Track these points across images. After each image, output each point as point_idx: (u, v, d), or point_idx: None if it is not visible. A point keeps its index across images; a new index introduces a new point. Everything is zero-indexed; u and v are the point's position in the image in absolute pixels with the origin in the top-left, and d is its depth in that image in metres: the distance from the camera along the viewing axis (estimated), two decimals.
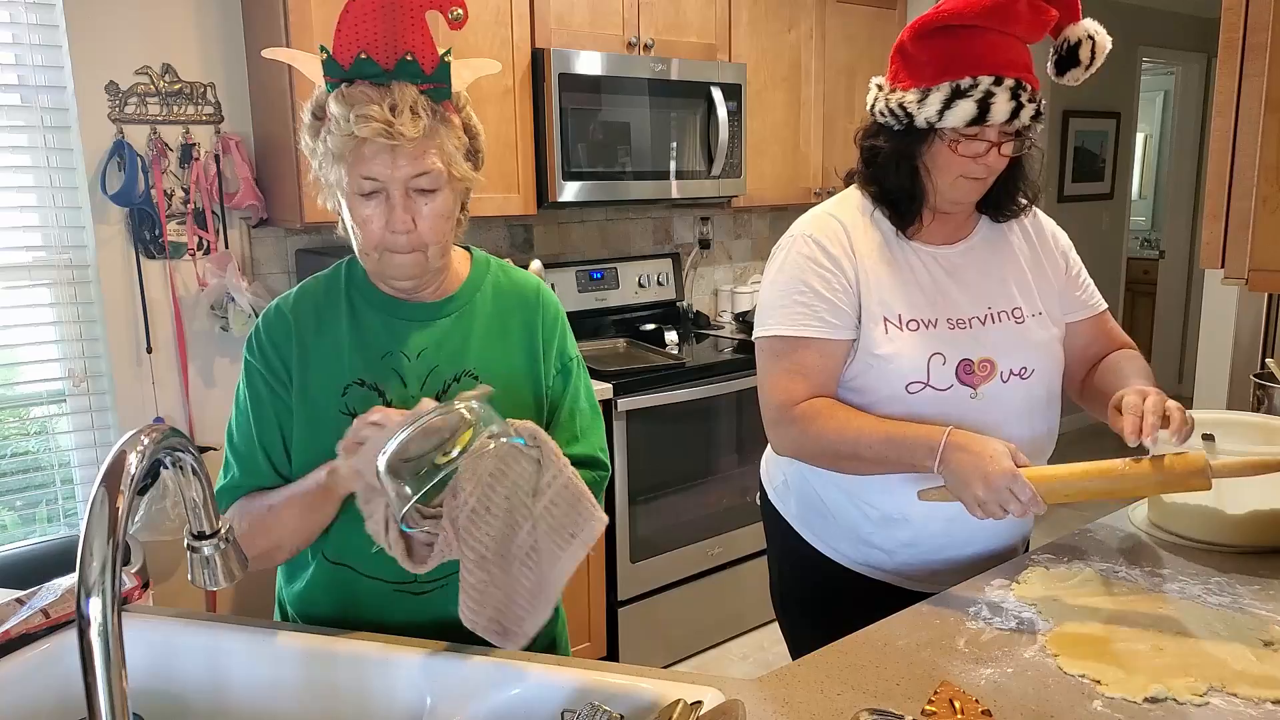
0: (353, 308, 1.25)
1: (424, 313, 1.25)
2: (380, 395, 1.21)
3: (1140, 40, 5.49)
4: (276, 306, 1.27)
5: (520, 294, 1.32)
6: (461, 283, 1.29)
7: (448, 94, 1.14)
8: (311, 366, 1.23)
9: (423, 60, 1.11)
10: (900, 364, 1.38)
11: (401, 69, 1.10)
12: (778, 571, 1.65)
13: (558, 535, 1.10)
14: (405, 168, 1.11)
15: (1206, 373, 3.39)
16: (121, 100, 2.47)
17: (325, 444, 1.16)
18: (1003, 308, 1.44)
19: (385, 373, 1.22)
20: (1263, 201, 1.49)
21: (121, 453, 0.73)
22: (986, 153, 1.34)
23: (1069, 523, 1.23)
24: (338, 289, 1.27)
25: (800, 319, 1.40)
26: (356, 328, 1.24)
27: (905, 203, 1.41)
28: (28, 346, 2.52)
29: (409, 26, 1.10)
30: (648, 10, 3.05)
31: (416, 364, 1.23)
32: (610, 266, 3.42)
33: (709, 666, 3.08)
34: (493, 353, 1.27)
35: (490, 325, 1.29)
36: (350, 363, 1.22)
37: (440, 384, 1.24)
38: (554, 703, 1.03)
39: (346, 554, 1.22)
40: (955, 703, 0.99)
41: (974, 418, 1.38)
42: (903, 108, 1.35)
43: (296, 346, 1.23)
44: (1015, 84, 1.30)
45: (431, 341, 1.25)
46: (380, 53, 1.09)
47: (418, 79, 1.11)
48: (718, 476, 3.13)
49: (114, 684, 0.67)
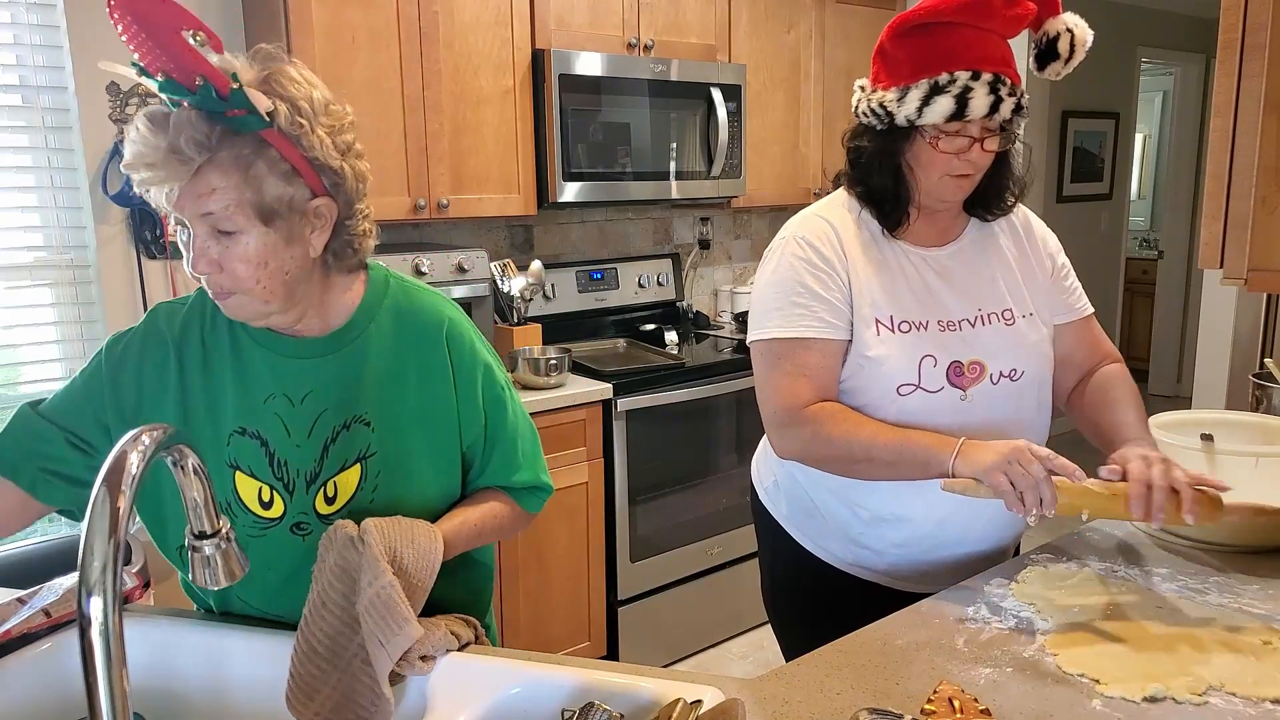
0: (236, 341, 1.14)
1: (309, 349, 1.13)
2: (263, 445, 1.11)
3: (1139, 40, 5.49)
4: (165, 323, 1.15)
5: (423, 329, 1.19)
6: (352, 312, 1.16)
7: (257, 124, 1.01)
8: (194, 410, 1.12)
9: (216, 84, 0.99)
10: (891, 366, 1.37)
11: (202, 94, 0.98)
12: (769, 572, 1.65)
13: (370, 640, 1.02)
14: (187, 203, 1.00)
15: (1205, 373, 3.40)
16: (123, 101, 2.47)
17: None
18: (992, 309, 1.43)
19: (268, 419, 1.11)
20: (1261, 202, 1.50)
21: (122, 452, 0.74)
22: (969, 148, 1.34)
23: (1068, 522, 1.23)
24: (222, 315, 1.13)
25: (799, 319, 1.39)
26: (239, 365, 1.12)
27: (890, 202, 1.41)
28: (29, 346, 2.52)
29: (179, 50, 0.99)
30: (648, 11, 3.05)
31: (300, 410, 1.12)
32: (610, 267, 3.43)
33: (708, 666, 3.08)
34: (387, 395, 1.15)
35: (386, 363, 1.16)
36: (233, 408, 1.11)
37: (328, 432, 1.13)
38: (554, 702, 1.03)
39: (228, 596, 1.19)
40: (954, 702, 0.99)
41: (964, 420, 1.38)
42: (883, 107, 1.36)
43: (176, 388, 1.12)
44: (994, 78, 1.30)
45: (318, 383, 1.13)
46: (179, 74, 0.99)
47: (215, 106, 0.99)
48: (717, 476, 3.13)
49: (115, 683, 0.67)
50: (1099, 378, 1.51)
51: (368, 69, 2.53)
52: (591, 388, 2.76)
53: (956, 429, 1.34)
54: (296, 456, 1.12)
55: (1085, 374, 1.53)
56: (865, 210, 1.44)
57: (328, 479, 1.13)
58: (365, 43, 2.51)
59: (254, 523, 1.13)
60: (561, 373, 2.78)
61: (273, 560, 1.14)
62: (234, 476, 1.12)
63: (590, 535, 2.86)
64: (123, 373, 1.13)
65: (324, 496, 1.13)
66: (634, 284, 3.48)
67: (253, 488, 1.12)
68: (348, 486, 1.13)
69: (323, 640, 1.04)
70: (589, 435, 2.78)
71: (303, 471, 1.13)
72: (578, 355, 3.01)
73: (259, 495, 1.12)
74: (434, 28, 2.61)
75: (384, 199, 2.57)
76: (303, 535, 1.14)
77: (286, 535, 1.13)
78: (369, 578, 1.03)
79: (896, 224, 1.42)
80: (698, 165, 3.16)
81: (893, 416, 1.37)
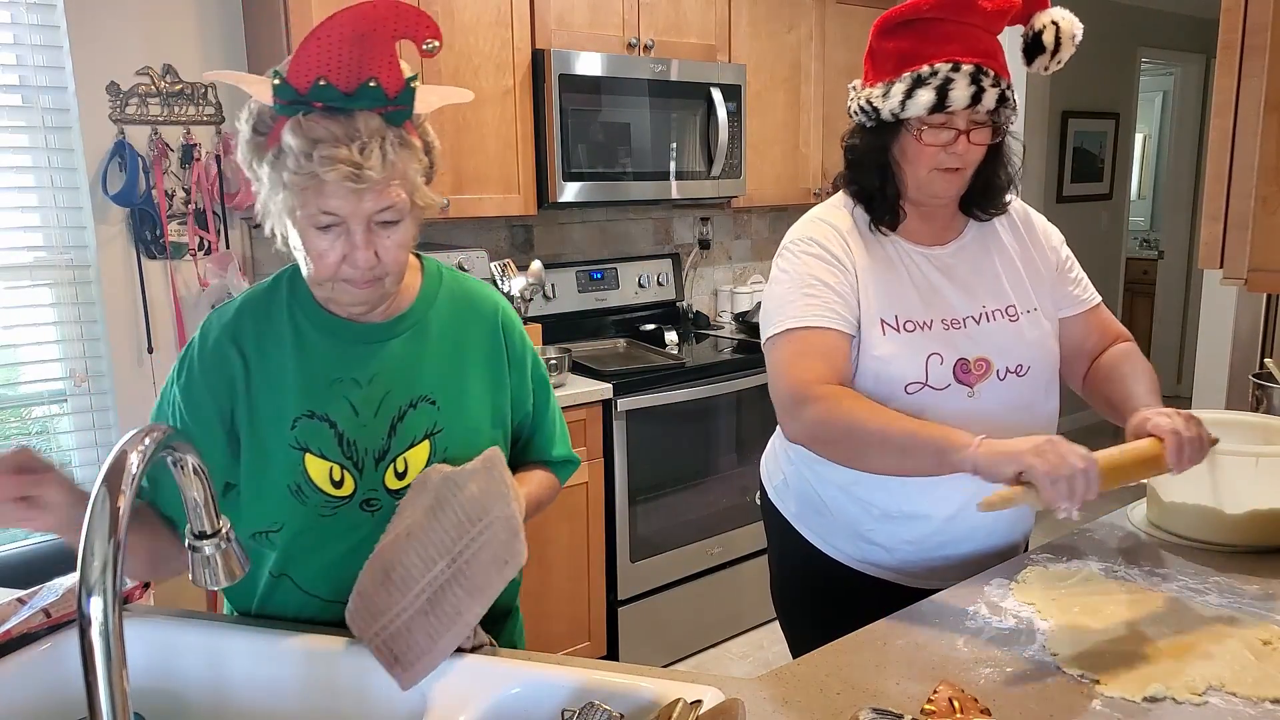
0: (297, 329, 1.17)
1: (374, 334, 1.18)
2: (331, 427, 1.15)
3: (1140, 40, 5.49)
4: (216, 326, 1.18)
5: (478, 312, 1.26)
6: (413, 298, 1.22)
7: (409, 116, 1.07)
8: (257, 399, 1.15)
9: (386, 85, 1.03)
10: (898, 365, 1.38)
11: (363, 94, 1.02)
12: (778, 570, 1.65)
13: (494, 564, 1.07)
14: (369, 204, 1.04)
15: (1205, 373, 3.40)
16: (122, 101, 2.47)
17: (276, 482, 1.14)
18: (996, 306, 1.44)
19: (335, 402, 1.15)
20: (1261, 202, 1.50)
21: (123, 452, 0.74)
22: (955, 140, 1.34)
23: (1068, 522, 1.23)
24: (279, 305, 1.18)
25: (814, 310, 1.38)
26: (302, 352, 1.16)
27: (880, 198, 1.42)
28: (29, 346, 2.52)
29: (377, 54, 1.01)
30: (648, 11, 3.05)
31: (369, 390, 1.16)
32: (610, 267, 3.43)
33: (708, 666, 3.08)
34: (449, 375, 1.21)
35: (446, 345, 1.22)
36: (297, 393, 1.15)
37: (395, 411, 1.17)
38: (554, 702, 1.03)
39: (300, 578, 1.20)
40: (955, 702, 0.99)
41: (971, 416, 1.38)
42: (870, 103, 1.38)
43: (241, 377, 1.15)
44: (975, 69, 1.31)
45: (384, 366, 1.18)
46: (341, 78, 1.01)
47: (379, 103, 1.03)
48: (717, 476, 3.13)
49: (115, 683, 0.67)
50: (1109, 355, 1.52)
51: None
52: (592, 388, 2.76)
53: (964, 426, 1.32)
54: (365, 436, 1.16)
55: (1097, 357, 1.54)
56: (858, 208, 1.45)
57: (397, 455, 1.17)
58: None
59: (325, 502, 1.16)
60: (562, 373, 2.78)
61: (342, 536, 1.17)
62: (303, 459, 1.15)
63: (590, 535, 2.86)
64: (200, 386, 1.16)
65: (394, 472, 1.18)
66: (634, 284, 3.48)
67: (323, 468, 1.15)
68: (417, 462, 1.18)
69: (399, 570, 1.09)
70: (589, 435, 2.78)
71: (371, 450, 1.16)
72: (578, 355, 3.01)
73: (330, 475, 1.16)
74: None
75: None
76: (372, 511, 1.17)
77: (357, 512, 1.17)
78: (500, 502, 1.09)
79: (885, 220, 1.43)
80: (698, 165, 3.16)
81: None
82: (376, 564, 1.10)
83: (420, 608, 1.07)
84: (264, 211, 1.10)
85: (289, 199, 1.04)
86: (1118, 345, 1.54)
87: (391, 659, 1.06)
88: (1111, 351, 1.53)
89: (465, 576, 1.08)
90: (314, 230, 1.06)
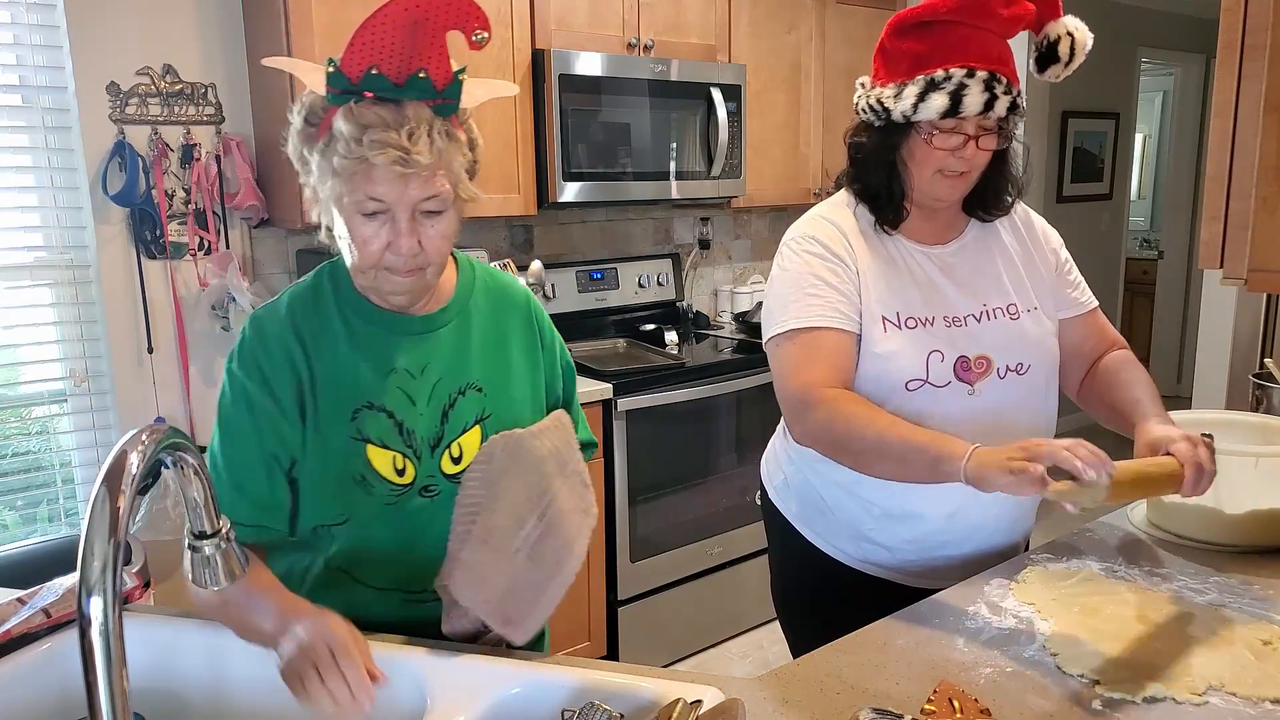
0: (347, 323, 1.19)
1: (422, 325, 1.21)
2: (390, 417, 1.18)
3: (1140, 40, 5.49)
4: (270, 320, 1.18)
5: (512, 302, 1.31)
6: (452, 290, 1.25)
7: (455, 109, 1.11)
8: (320, 393, 1.16)
9: (435, 77, 1.06)
10: (899, 362, 1.38)
11: (412, 85, 1.05)
12: (779, 570, 1.65)
13: (577, 513, 1.18)
14: (415, 192, 1.07)
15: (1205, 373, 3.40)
16: (122, 101, 2.47)
17: (340, 475, 1.16)
18: (997, 304, 1.44)
19: (392, 393, 1.18)
20: (1261, 202, 1.49)
21: (122, 452, 0.74)
22: (963, 146, 1.34)
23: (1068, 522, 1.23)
24: (325, 301, 1.20)
25: (815, 309, 1.38)
26: (356, 345, 1.18)
27: (885, 198, 1.42)
28: (29, 346, 2.52)
29: (428, 45, 1.04)
30: (648, 11, 3.05)
31: (421, 381, 1.20)
32: (610, 267, 3.43)
33: (708, 666, 3.08)
34: (494, 362, 1.26)
35: (488, 334, 1.26)
36: (356, 385, 1.17)
37: (446, 398, 1.21)
38: (554, 702, 1.03)
39: (355, 566, 1.21)
40: (955, 702, 0.99)
41: (971, 414, 1.38)
42: (880, 103, 1.37)
43: (304, 367, 1.16)
44: (989, 76, 1.31)
45: (433, 356, 1.21)
46: (392, 68, 1.04)
47: (427, 95, 1.07)
48: (717, 476, 3.13)
49: (115, 683, 0.67)
50: (1107, 362, 1.53)
51: None
52: (591, 388, 2.76)
53: (964, 424, 1.34)
54: (421, 424, 1.19)
55: (1093, 363, 1.54)
56: (862, 206, 1.45)
57: (451, 441, 1.21)
58: None
59: (390, 491, 1.18)
60: None
61: (403, 523, 1.19)
62: (365, 449, 1.16)
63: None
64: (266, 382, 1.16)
65: (449, 458, 1.21)
66: (634, 284, 3.48)
67: (386, 458, 1.17)
68: (471, 447, 1.22)
69: (494, 535, 1.14)
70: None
71: (426, 438, 1.19)
72: (578, 355, 3.00)
73: (393, 464, 1.18)
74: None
75: None
76: (431, 496, 1.20)
77: (416, 498, 1.19)
78: (573, 456, 1.22)
79: (890, 220, 1.43)
80: (698, 165, 3.16)
81: (902, 412, 1.37)
82: (475, 535, 1.15)
83: (522, 565, 1.14)
84: (311, 200, 1.14)
85: (337, 186, 1.07)
86: (1116, 352, 1.55)
87: (503, 620, 1.12)
88: (1111, 358, 1.53)
89: (556, 530, 1.16)
90: (360, 217, 1.08)
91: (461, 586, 1.14)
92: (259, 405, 1.15)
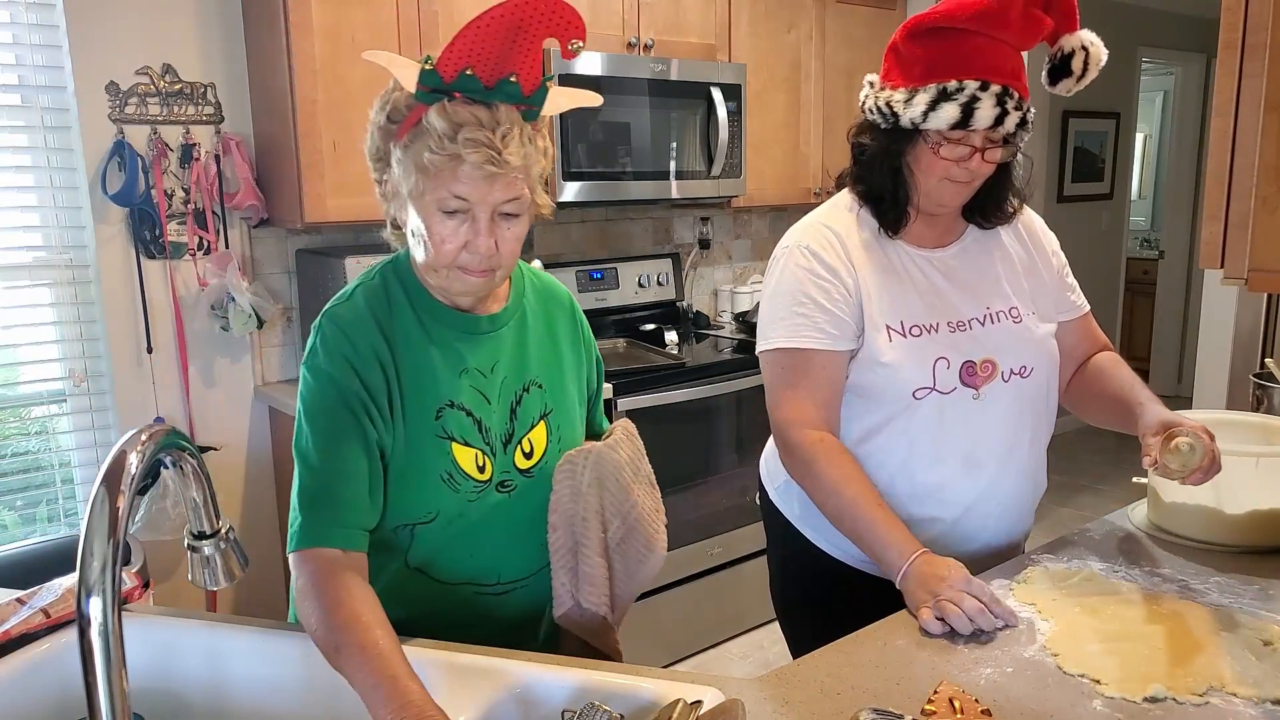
0: (423, 325, 1.20)
1: (489, 324, 1.24)
2: (469, 415, 1.19)
3: (1140, 40, 5.49)
4: (352, 317, 1.17)
5: (558, 301, 1.35)
6: (509, 290, 1.28)
7: (537, 116, 1.12)
8: (405, 390, 1.17)
9: (524, 83, 1.08)
10: (906, 372, 1.38)
11: (500, 89, 1.07)
12: (779, 571, 1.65)
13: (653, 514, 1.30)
14: (499, 193, 1.08)
15: (1206, 373, 3.39)
16: (122, 100, 2.47)
17: (429, 473, 1.17)
18: (1000, 307, 1.44)
19: (469, 392, 1.20)
20: (1262, 201, 1.49)
21: (122, 453, 0.74)
22: (969, 157, 1.34)
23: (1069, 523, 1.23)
24: (398, 300, 1.20)
25: (801, 330, 1.40)
26: (433, 344, 1.19)
27: (889, 202, 1.41)
28: (28, 346, 2.52)
29: (524, 50, 1.06)
30: (648, 11, 3.05)
31: (492, 379, 1.22)
32: (610, 266, 3.42)
33: (708, 666, 3.08)
34: (549, 359, 1.30)
35: (541, 332, 1.30)
36: (437, 384, 1.18)
37: (513, 396, 1.24)
38: (554, 702, 1.03)
39: (431, 564, 1.22)
40: (955, 702, 0.99)
41: (976, 418, 1.39)
42: (890, 106, 1.35)
43: (391, 365, 1.17)
44: (1002, 90, 1.30)
45: (500, 354, 1.24)
46: (485, 70, 1.05)
47: (514, 100, 1.08)
48: (717, 476, 3.13)
49: (114, 684, 0.67)
50: (1097, 360, 1.54)
51: (368, 69, 2.49)
52: None
53: (969, 428, 1.36)
54: (494, 421, 1.22)
55: (1081, 365, 1.56)
56: (864, 209, 1.45)
57: (521, 437, 1.24)
58: (365, 43, 2.50)
59: (474, 488, 1.20)
60: None
61: (484, 518, 1.22)
62: (451, 447, 1.18)
63: None
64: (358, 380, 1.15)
65: (521, 453, 1.24)
66: (634, 284, 3.48)
67: (469, 455, 1.20)
68: (540, 442, 1.26)
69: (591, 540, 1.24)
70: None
71: (499, 434, 1.22)
72: None
73: (475, 461, 1.20)
74: (434, 28, 2.60)
75: None
76: (507, 492, 1.23)
77: (494, 493, 1.22)
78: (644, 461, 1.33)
79: (894, 224, 1.43)
80: (698, 165, 3.16)
81: (908, 420, 1.38)
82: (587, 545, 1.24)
83: (616, 565, 1.26)
84: (387, 196, 1.16)
85: (421, 182, 1.08)
86: (1104, 353, 1.57)
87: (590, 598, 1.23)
88: (1100, 356, 1.55)
89: (636, 531, 1.27)
90: (440, 214, 1.10)
91: (587, 592, 1.23)
92: (356, 401, 1.14)
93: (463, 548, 1.22)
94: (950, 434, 1.40)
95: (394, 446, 1.17)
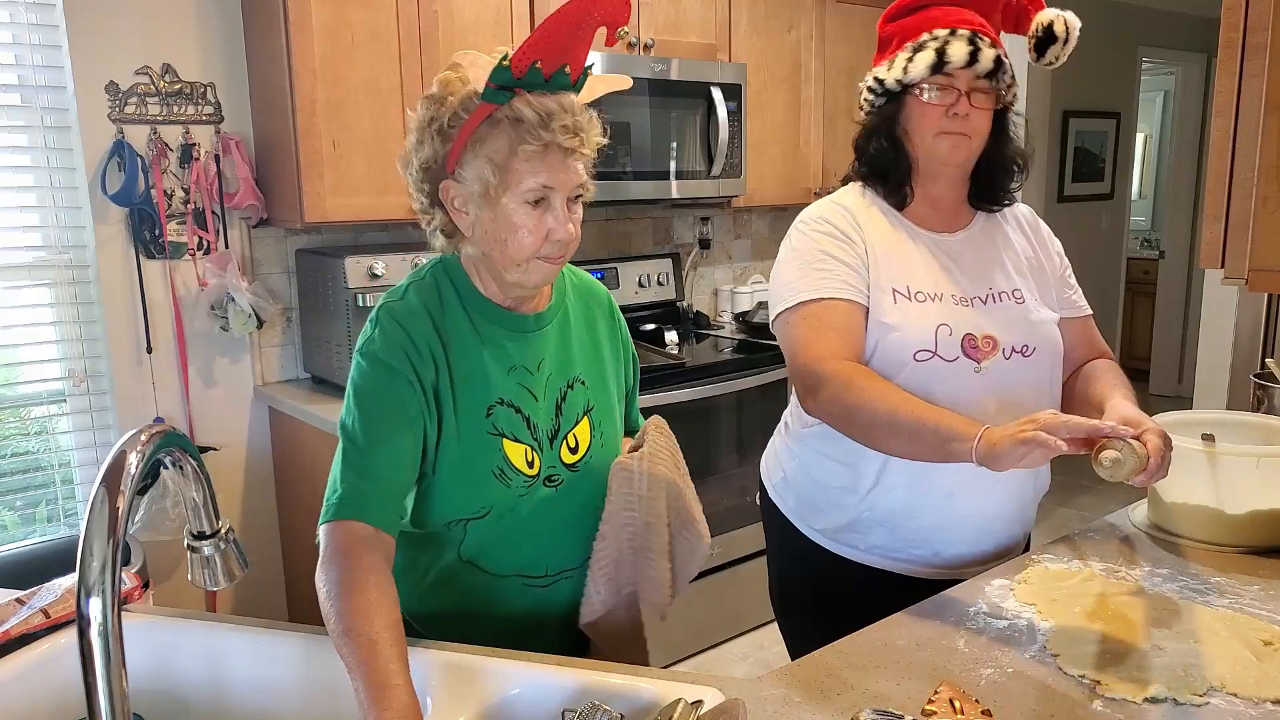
0: (473, 323, 1.22)
1: (535, 323, 1.26)
2: (517, 412, 1.21)
3: (1140, 40, 5.49)
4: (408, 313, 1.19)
5: (597, 300, 1.37)
6: (551, 289, 1.30)
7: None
8: (457, 386, 1.19)
9: (573, 72, 1.12)
10: (908, 332, 1.39)
11: (556, 79, 1.11)
12: (777, 569, 1.65)
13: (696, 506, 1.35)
14: (575, 177, 1.14)
15: (1206, 373, 3.40)
16: (121, 100, 2.47)
17: (481, 469, 1.19)
18: (1003, 289, 1.46)
19: (518, 389, 1.22)
20: (1262, 201, 1.49)
21: (121, 453, 0.74)
22: (957, 102, 1.38)
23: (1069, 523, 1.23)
24: (450, 298, 1.22)
25: (824, 282, 1.41)
26: (483, 342, 1.21)
27: (893, 171, 1.46)
28: (28, 346, 2.52)
29: (582, 42, 1.10)
30: (648, 10, 3.05)
31: (538, 376, 1.24)
32: (610, 266, 3.42)
33: (709, 666, 3.08)
34: (590, 357, 1.32)
35: (582, 330, 1.33)
36: (488, 381, 1.20)
37: (558, 392, 1.26)
38: (554, 702, 1.03)
39: (481, 556, 1.24)
40: (955, 703, 0.99)
41: (978, 392, 1.39)
42: (877, 80, 1.45)
43: (444, 362, 1.18)
44: (971, 33, 1.38)
45: (545, 352, 1.26)
46: (548, 63, 1.09)
47: (566, 88, 1.13)
48: (717, 476, 3.12)
49: (114, 684, 0.67)
50: (1091, 366, 1.54)
51: (367, 69, 2.52)
52: None
53: (971, 401, 1.35)
54: (542, 418, 1.24)
55: (1080, 367, 1.56)
56: (871, 190, 1.49)
57: (567, 432, 1.26)
58: (365, 43, 2.50)
59: (524, 483, 1.23)
60: None
61: (533, 511, 1.24)
62: (502, 444, 1.21)
63: None
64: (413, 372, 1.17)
65: (567, 448, 1.26)
66: (634, 284, 3.47)
67: (519, 451, 1.22)
68: (584, 438, 1.28)
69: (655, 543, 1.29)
70: None
71: (546, 430, 1.25)
72: None
73: (525, 457, 1.23)
74: (434, 28, 2.60)
75: (384, 199, 2.56)
76: (554, 486, 1.25)
77: (542, 488, 1.24)
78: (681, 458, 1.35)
79: (900, 194, 1.46)
80: (698, 165, 3.16)
81: (911, 385, 1.36)
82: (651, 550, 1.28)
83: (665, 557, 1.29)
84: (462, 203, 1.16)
85: (501, 177, 1.11)
86: (1100, 359, 1.56)
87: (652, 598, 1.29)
88: (1097, 362, 1.55)
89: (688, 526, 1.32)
90: (524, 207, 1.13)
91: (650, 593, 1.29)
92: (409, 393, 1.16)
93: (512, 541, 1.24)
94: (950, 405, 1.38)
95: (446, 443, 1.18)
